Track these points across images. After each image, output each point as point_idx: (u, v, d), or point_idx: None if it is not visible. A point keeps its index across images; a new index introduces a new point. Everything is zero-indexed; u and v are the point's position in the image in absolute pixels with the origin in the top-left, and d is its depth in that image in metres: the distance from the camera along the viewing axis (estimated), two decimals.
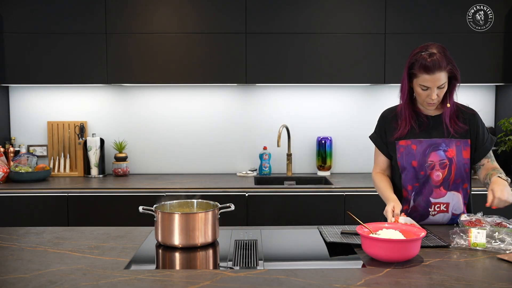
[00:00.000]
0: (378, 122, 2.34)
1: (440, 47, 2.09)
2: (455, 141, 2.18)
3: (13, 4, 3.55)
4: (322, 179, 3.83)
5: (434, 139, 2.18)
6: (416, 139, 2.20)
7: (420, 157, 2.18)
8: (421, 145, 2.19)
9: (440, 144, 2.18)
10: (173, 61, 3.58)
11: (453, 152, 2.17)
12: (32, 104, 3.93)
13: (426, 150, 2.18)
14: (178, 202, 2.12)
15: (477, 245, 1.90)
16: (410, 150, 2.20)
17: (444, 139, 2.18)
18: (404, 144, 2.21)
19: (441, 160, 2.17)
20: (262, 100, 3.96)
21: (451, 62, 2.08)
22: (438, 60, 2.03)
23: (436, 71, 2.04)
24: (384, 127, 2.29)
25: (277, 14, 3.57)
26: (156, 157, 3.97)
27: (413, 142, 2.20)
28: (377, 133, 2.33)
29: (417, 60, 2.07)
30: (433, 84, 2.06)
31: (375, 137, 2.34)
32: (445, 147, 2.17)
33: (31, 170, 3.60)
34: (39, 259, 1.80)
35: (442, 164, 2.17)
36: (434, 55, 2.04)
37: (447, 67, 2.06)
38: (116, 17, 3.56)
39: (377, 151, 2.34)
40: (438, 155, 2.17)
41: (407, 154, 2.20)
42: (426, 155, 2.18)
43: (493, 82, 3.67)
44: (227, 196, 3.33)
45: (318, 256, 1.93)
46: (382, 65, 3.59)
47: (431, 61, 2.03)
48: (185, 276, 1.65)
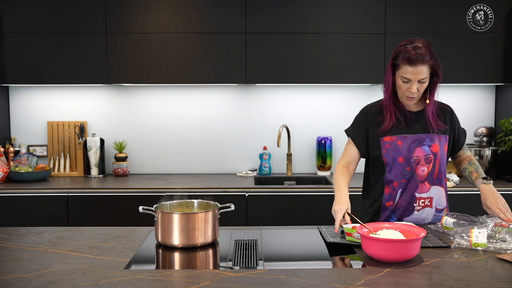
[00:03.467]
0: (356, 118, 2.33)
1: (425, 42, 2.13)
2: (437, 136, 2.22)
3: (13, 4, 3.55)
4: (322, 179, 3.83)
5: (418, 135, 2.21)
6: (401, 135, 2.21)
7: (405, 153, 2.20)
8: (406, 140, 2.21)
9: (424, 139, 2.21)
10: (173, 61, 3.58)
11: (437, 147, 2.21)
12: (32, 104, 3.93)
13: (411, 145, 2.20)
14: (178, 202, 2.12)
15: (478, 245, 1.90)
16: (396, 146, 2.21)
17: (428, 134, 2.21)
18: (389, 140, 2.22)
19: (426, 155, 2.20)
20: (262, 100, 3.97)
21: (434, 57, 2.11)
22: (422, 54, 2.07)
23: (418, 63, 2.07)
24: (367, 122, 2.27)
25: (277, 14, 3.57)
26: (156, 157, 3.98)
27: (398, 138, 2.21)
28: (354, 128, 2.31)
29: (401, 52, 2.11)
30: (414, 77, 2.09)
31: (352, 131, 2.31)
32: (430, 142, 2.21)
33: (31, 170, 3.60)
34: (39, 259, 1.80)
35: (428, 159, 2.20)
36: (419, 49, 2.08)
37: (430, 61, 2.09)
38: (116, 17, 3.56)
39: (350, 143, 2.32)
40: (423, 150, 2.20)
41: (393, 150, 2.21)
42: (411, 150, 2.20)
43: (493, 82, 3.67)
44: (227, 196, 3.33)
45: (318, 256, 1.93)
46: (382, 65, 3.59)
47: (415, 53, 2.07)
48: (185, 276, 1.65)
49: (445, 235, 2.08)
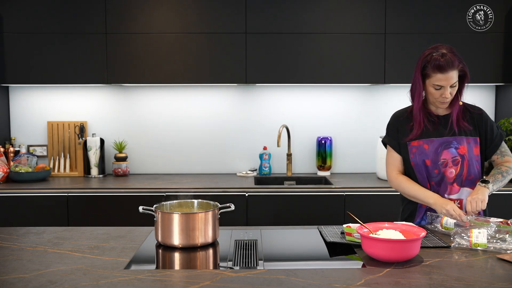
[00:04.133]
0: (389, 124, 2.38)
1: (449, 47, 2.18)
2: (465, 139, 2.24)
3: (13, 4, 3.55)
4: (322, 179, 3.83)
5: (445, 138, 2.25)
6: (428, 139, 2.26)
7: (432, 156, 2.24)
8: (432, 144, 2.25)
9: (451, 142, 2.24)
10: (173, 61, 3.58)
11: (464, 149, 2.23)
12: (32, 104, 3.93)
13: (438, 148, 2.24)
14: (178, 202, 2.12)
15: (478, 245, 1.90)
16: (422, 150, 2.25)
17: (454, 137, 2.24)
18: (416, 145, 2.27)
19: (453, 157, 2.23)
20: (262, 100, 3.96)
21: (461, 60, 2.17)
22: (451, 59, 2.13)
23: (449, 70, 2.13)
24: (397, 127, 2.33)
25: (277, 14, 3.57)
26: (156, 157, 3.97)
27: (425, 142, 2.26)
28: (389, 135, 2.37)
29: (429, 61, 2.16)
30: (447, 83, 2.15)
31: (389, 139, 2.37)
32: (456, 145, 2.23)
33: (31, 170, 3.60)
34: (39, 259, 1.80)
35: (455, 161, 2.23)
36: (446, 55, 2.13)
37: (459, 65, 2.15)
38: (116, 17, 3.56)
39: (391, 152, 2.36)
40: (450, 153, 2.23)
41: (420, 154, 2.25)
42: (439, 153, 2.24)
43: (493, 82, 3.67)
44: (227, 196, 3.33)
45: (318, 256, 1.93)
46: (382, 65, 3.59)
47: (444, 60, 2.12)
48: (185, 276, 1.65)
49: (445, 235, 2.08)
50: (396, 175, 2.33)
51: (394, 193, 3.37)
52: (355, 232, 1.96)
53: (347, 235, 2.00)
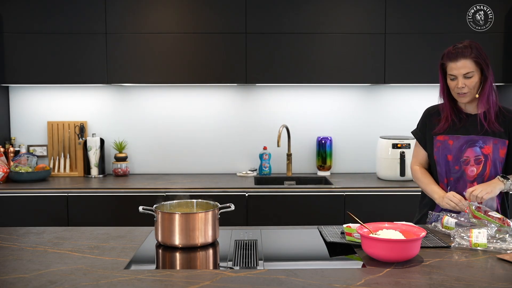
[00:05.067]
0: (421, 117, 2.42)
1: (471, 41, 2.22)
2: (492, 139, 2.23)
3: (13, 4, 3.55)
4: (322, 179, 3.83)
5: (471, 136, 2.25)
6: (454, 135, 2.27)
7: (455, 152, 2.24)
8: (458, 140, 2.25)
9: (477, 141, 2.23)
10: (173, 61, 3.58)
11: (489, 149, 2.22)
12: (32, 104, 3.93)
13: (462, 146, 2.24)
14: (178, 202, 2.12)
15: (478, 245, 1.90)
16: (446, 145, 2.27)
17: (482, 136, 2.24)
18: (442, 139, 2.28)
19: (476, 156, 2.22)
20: (262, 100, 3.96)
21: (478, 52, 2.17)
22: (462, 49, 2.16)
23: (460, 58, 2.16)
24: (426, 121, 2.37)
25: (277, 14, 3.57)
26: (156, 157, 3.97)
27: (451, 137, 2.27)
28: (419, 129, 2.41)
29: (445, 54, 2.23)
30: (458, 72, 2.17)
31: (417, 132, 2.42)
32: (482, 144, 2.23)
33: (31, 170, 3.60)
34: (39, 259, 1.80)
35: (477, 160, 2.23)
36: (459, 45, 2.18)
37: (471, 55, 2.16)
38: (116, 17, 3.56)
39: (418, 145, 2.41)
40: (474, 151, 2.23)
41: (443, 149, 2.27)
42: (462, 150, 2.24)
43: (493, 82, 3.66)
44: (227, 196, 3.33)
45: (318, 256, 1.93)
46: (382, 65, 3.59)
47: (454, 49, 2.18)
48: (185, 276, 1.65)
49: (445, 235, 2.08)
50: (415, 167, 2.39)
51: (394, 193, 3.38)
52: (355, 232, 1.96)
53: (347, 235, 2.00)
